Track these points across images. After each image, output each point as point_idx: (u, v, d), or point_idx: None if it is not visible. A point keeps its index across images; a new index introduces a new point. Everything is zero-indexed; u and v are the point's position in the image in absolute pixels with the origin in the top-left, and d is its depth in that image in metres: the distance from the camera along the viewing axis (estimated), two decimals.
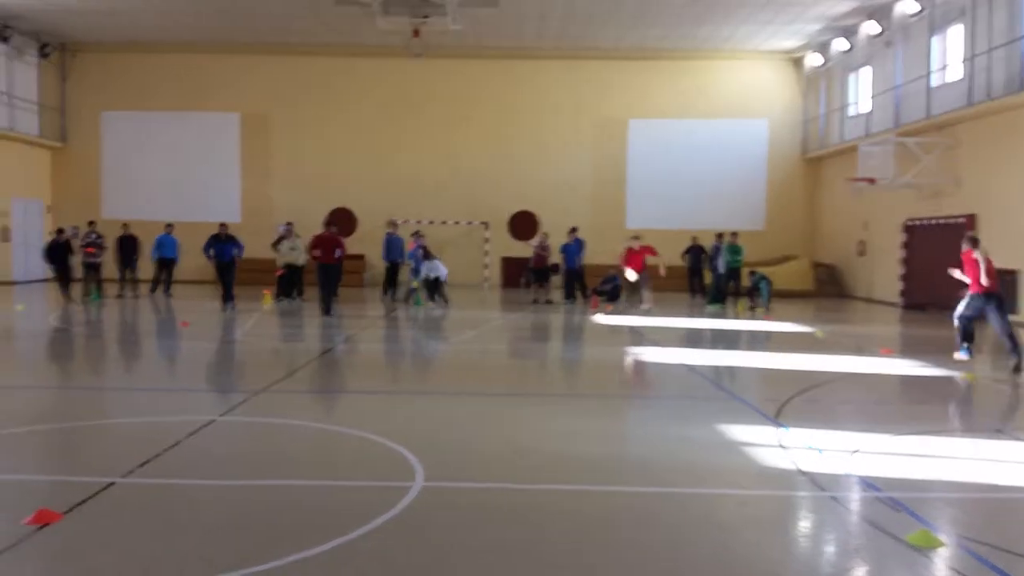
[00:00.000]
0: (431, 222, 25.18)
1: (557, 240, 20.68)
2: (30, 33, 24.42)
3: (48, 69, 25.90)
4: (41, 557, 4.11)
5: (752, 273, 19.29)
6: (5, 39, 23.37)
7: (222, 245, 16.61)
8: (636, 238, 18.40)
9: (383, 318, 16.46)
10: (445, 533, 4.47)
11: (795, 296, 22.89)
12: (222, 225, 17.24)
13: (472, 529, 4.55)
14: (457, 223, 26.14)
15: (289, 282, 18.69)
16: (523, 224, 25.94)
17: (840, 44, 23.42)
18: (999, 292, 10.46)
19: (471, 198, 26.11)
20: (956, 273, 10.75)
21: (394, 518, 4.60)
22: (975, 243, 10.47)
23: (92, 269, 18.69)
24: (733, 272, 19.40)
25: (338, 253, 15.75)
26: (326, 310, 15.58)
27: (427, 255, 18.62)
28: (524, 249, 23.80)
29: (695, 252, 22.04)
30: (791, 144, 26.56)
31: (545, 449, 6.31)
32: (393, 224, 20.94)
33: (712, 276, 20.33)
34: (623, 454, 6.42)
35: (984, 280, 10.23)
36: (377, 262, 21.24)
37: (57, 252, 18.05)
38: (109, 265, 19.45)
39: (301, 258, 18.58)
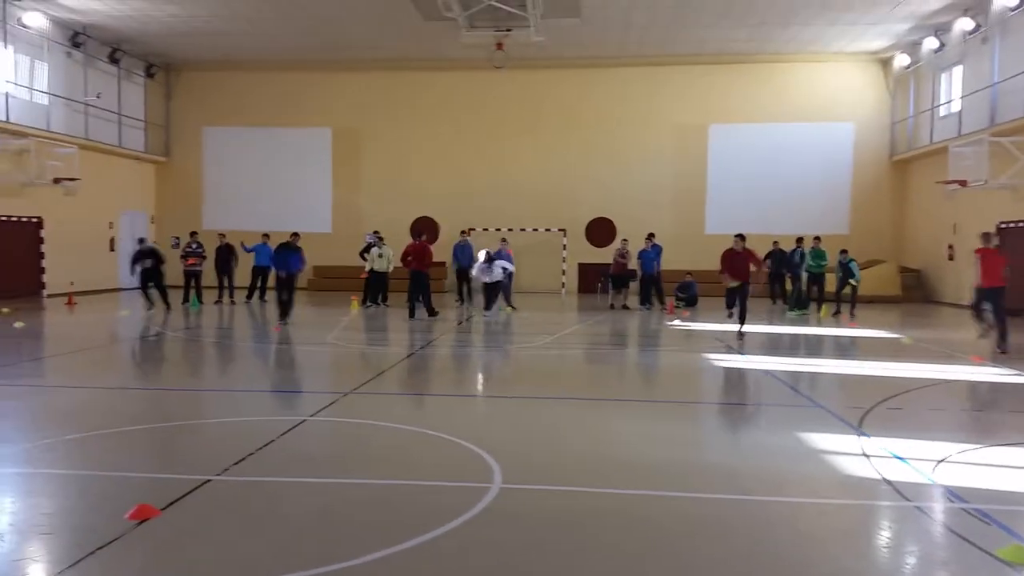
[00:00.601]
0: (510, 229, 25.47)
1: (634, 246, 20.63)
2: (138, 55, 26.02)
3: (153, 88, 27.47)
4: (142, 551, 4.26)
5: (843, 252, 18.61)
6: (116, 61, 24.99)
7: (288, 254, 15.66)
8: (740, 237, 14.58)
9: (461, 323, 16.80)
10: (522, 535, 4.55)
11: (881, 301, 22.14)
12: (294, 235, 16.32)
13: (549, 532, 4.61)
14: (535, 230, 26.35)
15: (375, 288, 19.49)
16: (600, 231, 25.96)
17: (930, 43, 22.56)
18: (994, 288, 11.74)
19: (549, 205, 26.29)
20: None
21: (472, 519, 4.71)
22: (987, 239, 11.69)
23: (193, 277, 19.83)
24: (816, 277, 18.93)
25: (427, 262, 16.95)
26: (413, 312, 16.82)
27: (488, 258, 17.72)
28: (601, 255, 23.78)
29: (777, 257, 21.59)
30: (878, 147, 25.70)
31: (623, 454, 6.35)
32: (464, 232, 21.32)
33: (793, 281, 19.89)
34: (702, 460, 6.39)
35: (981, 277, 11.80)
36: None
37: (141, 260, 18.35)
38: (209, 273, 20.51)
39: (388, 265, 19.34)
